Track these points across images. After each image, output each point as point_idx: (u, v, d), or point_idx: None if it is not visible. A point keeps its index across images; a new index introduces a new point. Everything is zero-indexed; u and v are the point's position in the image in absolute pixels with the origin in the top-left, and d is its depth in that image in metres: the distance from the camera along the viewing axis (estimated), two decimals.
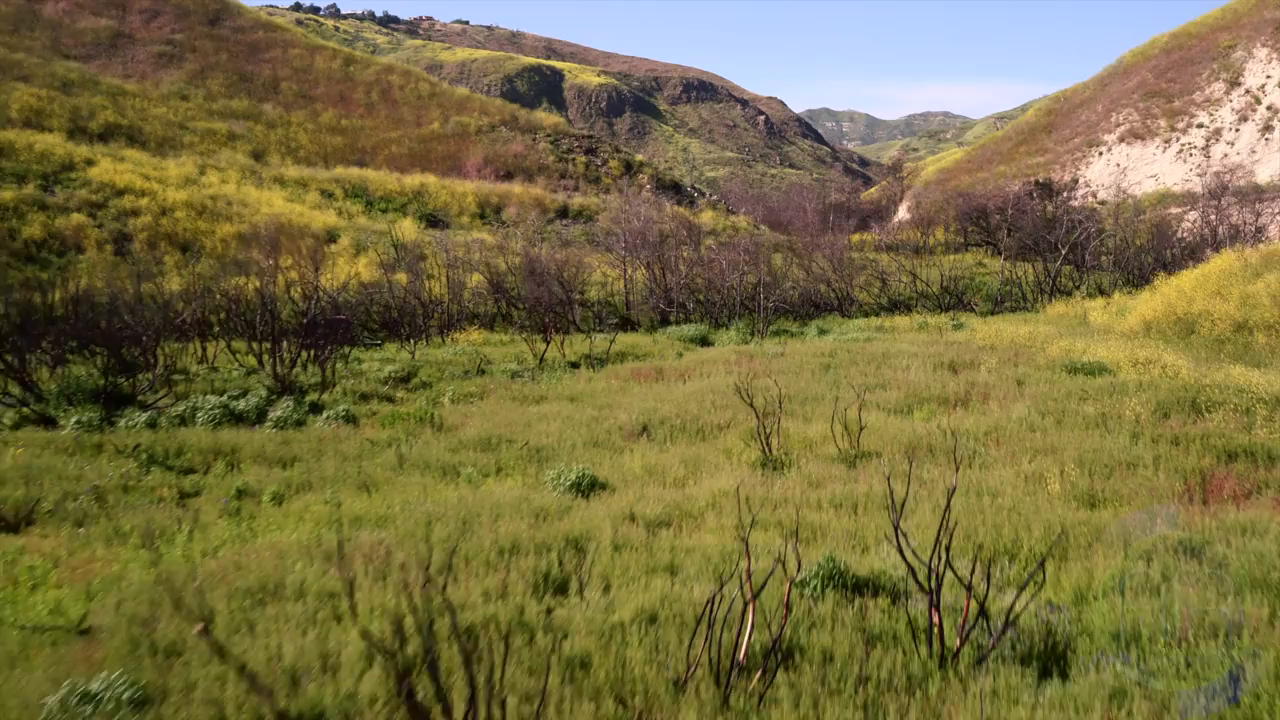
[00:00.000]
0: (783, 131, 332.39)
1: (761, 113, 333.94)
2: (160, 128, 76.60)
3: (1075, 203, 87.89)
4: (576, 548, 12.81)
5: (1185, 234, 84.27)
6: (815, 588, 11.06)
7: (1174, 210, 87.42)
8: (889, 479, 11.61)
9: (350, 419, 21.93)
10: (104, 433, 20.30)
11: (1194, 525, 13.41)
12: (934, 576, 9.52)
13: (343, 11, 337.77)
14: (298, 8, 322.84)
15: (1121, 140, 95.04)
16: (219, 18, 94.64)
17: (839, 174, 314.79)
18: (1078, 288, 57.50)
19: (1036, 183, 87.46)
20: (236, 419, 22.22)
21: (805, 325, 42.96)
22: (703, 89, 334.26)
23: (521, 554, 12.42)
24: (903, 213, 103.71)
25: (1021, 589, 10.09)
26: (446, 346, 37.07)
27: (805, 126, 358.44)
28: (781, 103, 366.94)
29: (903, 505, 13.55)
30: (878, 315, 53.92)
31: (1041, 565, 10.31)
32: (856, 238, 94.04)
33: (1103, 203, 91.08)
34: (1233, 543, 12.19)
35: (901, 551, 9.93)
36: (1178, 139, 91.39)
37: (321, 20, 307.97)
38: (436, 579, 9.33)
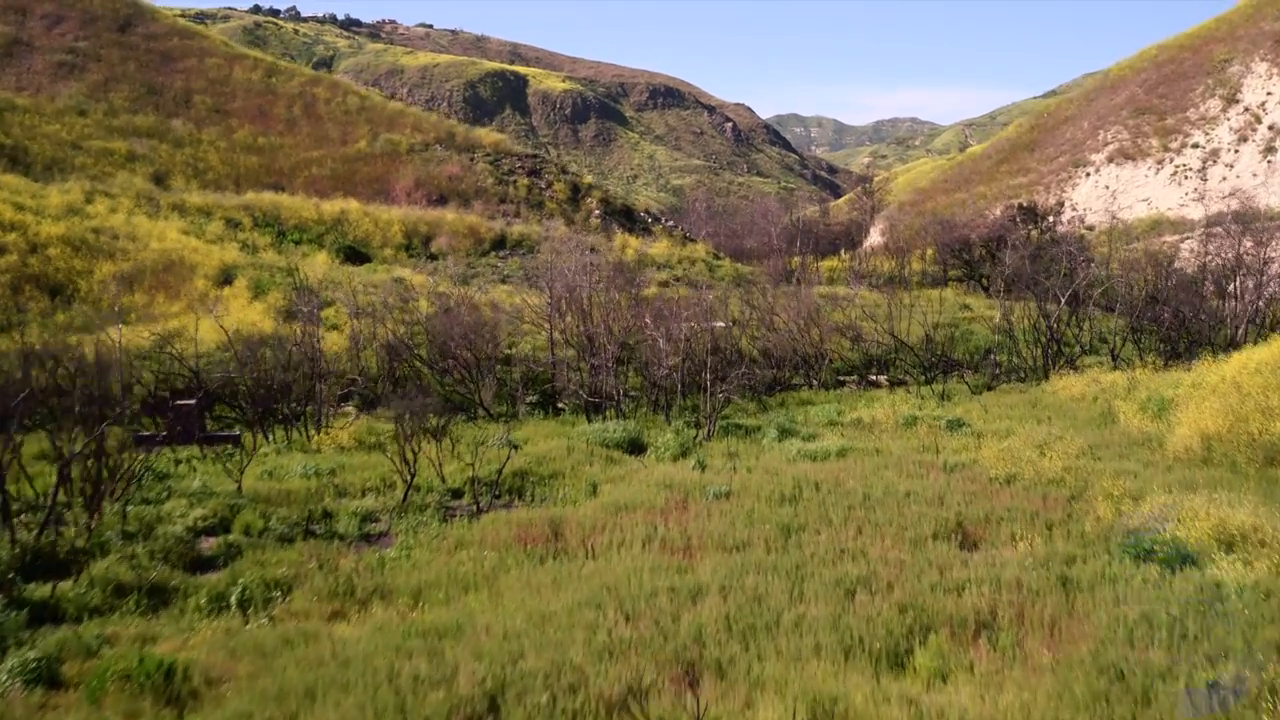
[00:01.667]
0: (750, 139, 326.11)
1: (729, 119, 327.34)
2: (50, 148, 68.16)
3: (1061, 228, 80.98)
4: None
5: (1184, 264, 77.57)
6: None
7: (1169, 238, 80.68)
8: None
9: (45, 676, 14.11)
10: None
11: None
12: None
13: (303, 15, 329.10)
14: (257, 10, 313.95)
15: (1110, 160, 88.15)
16: (130, 23, 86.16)
17: (807, 182, 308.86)
18: (1079, 340, 50.34)
19: (1020, 207, 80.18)
20: None
21: (765, 409, 35.39)
22: (669, 95, 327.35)
23: None
24: (875, 236, 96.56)
25: None
26: (309, 453, 29.31)
27: (773, 133, 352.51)
28: (749, 109, 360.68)
29: None
30: (850, 375, 46.64)
31: None
32: (826, 265, 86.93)
33: (1090, 228, 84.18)
34: None
35: None
36: (1171, 160, 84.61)
37: (280, 23, 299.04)
38: None
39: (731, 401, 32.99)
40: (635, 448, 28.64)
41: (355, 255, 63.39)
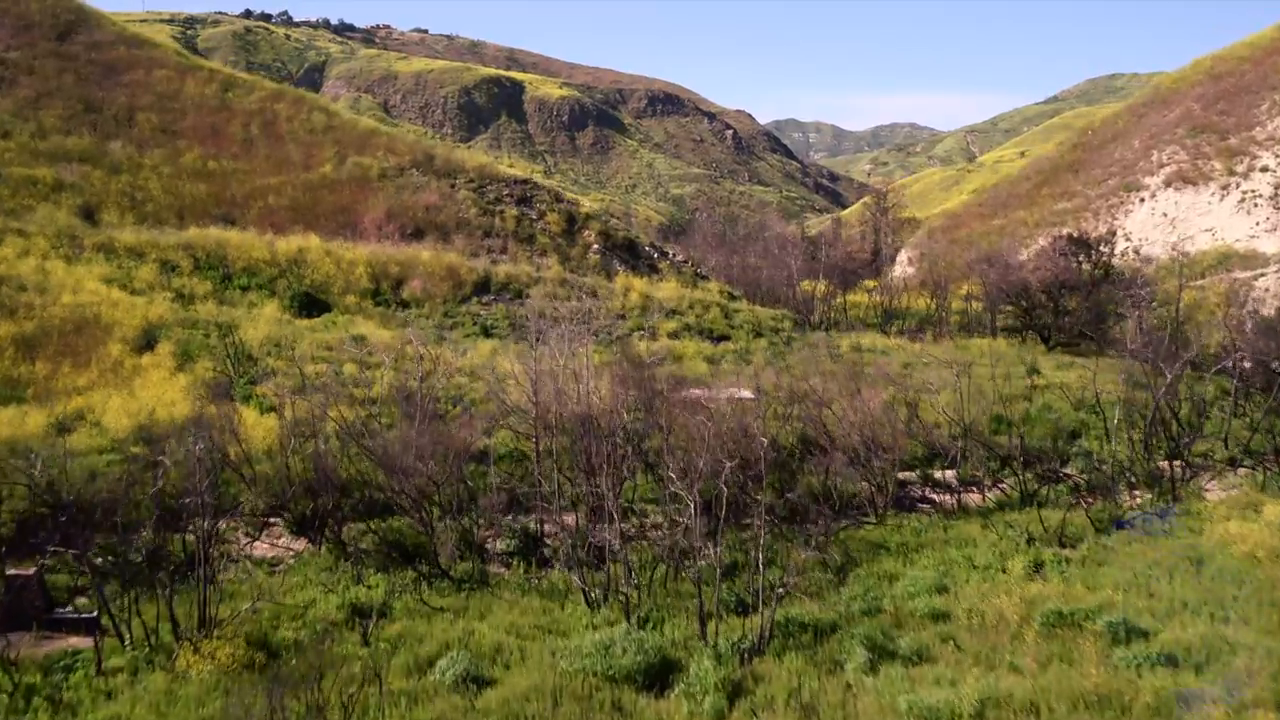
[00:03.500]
0: (751, 146, 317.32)
1: (729, 126, 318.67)
2: None
3: (1115, 260, 71.83)
4: None
5: (1260, 304, 68.59)
6: None
7: (1240, 274, 71.54)
8: None
9: None
10: None
11: None
12: None
13: (296, 20, 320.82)
14: (248, 15, 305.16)
15: (1168, 184, 78.90)
16: (71, 31, 76.65)
17: (809, 190, 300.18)
18: (1175, 414, 40.92)
19: (1070, 237, 70.71)
20: None
21: (826, 566, 25.98)
22: (668, 102, 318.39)
23: None
24: (904, 265, 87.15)
25: None
26: (175, 678, 19.95)
27: (774, 141, 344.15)
28: (749, 116, 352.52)
29: None
30: (910, 471, 37.47)
31: None
32: (854, 299, 77.96)
33: (1148, 260, 75.02)
34: None
35: None
36: (1237, 185, 75.40)
37: (272, 29, 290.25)
38: None
39: (789, 588, 23.41)
40: (654, 682, 19.20)
41: (312, 303, 54.04)
